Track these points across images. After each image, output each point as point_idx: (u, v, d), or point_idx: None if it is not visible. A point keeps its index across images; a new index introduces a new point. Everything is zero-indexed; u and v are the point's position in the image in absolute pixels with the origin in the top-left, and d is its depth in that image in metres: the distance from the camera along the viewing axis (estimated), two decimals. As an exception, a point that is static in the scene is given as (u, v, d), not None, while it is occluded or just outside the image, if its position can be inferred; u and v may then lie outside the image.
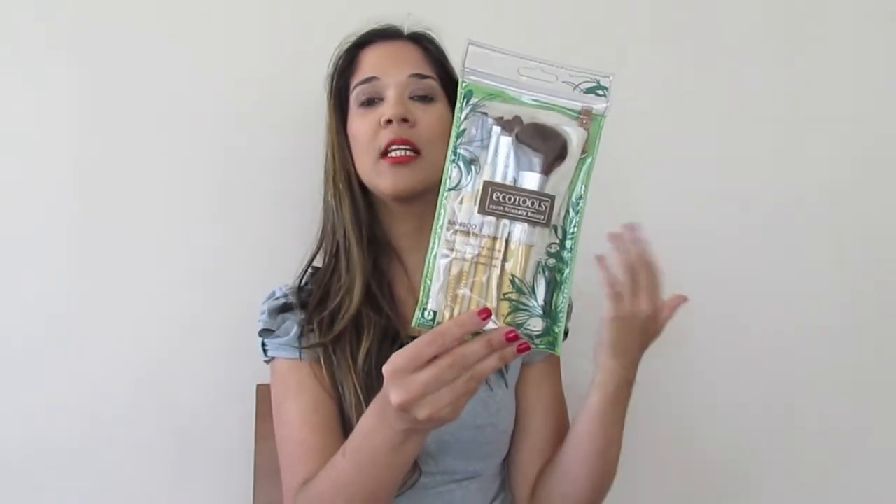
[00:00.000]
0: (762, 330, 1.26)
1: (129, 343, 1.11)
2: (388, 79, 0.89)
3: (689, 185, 1.25)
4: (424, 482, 0.87)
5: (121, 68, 1.11)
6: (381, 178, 0.88)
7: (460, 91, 0.62)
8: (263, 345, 0.92)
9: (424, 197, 0.89)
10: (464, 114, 0.61)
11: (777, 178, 1.27)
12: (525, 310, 0.60)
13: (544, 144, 0.61)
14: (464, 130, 0.61)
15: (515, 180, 0.61)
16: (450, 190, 0.61)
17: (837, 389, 1.27)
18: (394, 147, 0.86)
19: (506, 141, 0.61)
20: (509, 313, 0.60)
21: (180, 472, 1.12)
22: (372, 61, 0.92)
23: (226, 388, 1.11)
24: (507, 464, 0.98)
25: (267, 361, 0.93)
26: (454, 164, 0.61)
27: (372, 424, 0.70)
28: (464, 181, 0.61)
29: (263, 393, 1.05)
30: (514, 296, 0.60)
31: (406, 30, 0.96)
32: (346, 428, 0.86)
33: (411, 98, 0.89)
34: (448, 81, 0.92)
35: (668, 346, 1.20)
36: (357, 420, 0.82)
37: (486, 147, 0.61)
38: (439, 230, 0.61)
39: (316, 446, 0.84)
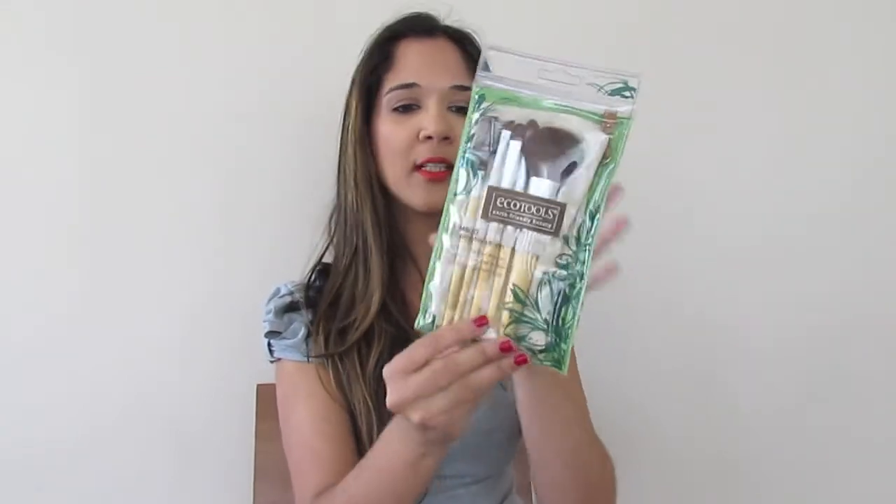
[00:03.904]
0: (773, 332, 1.25)
1: (130, 343, 1.10)
2: (430, 86, 0.85)
3: (693, 189, 1.24)
4: (430, 485, 0.85)
5: (122, 67, 1.11)
6: (413, 191, 0.86)
7: (473, 95, 0.60)
8: (269, 345, 0.89)
9: None
10: (474, 118, 0.59)
11: (783, 179, 1.25)
12: (527, 322, 0.58)
13: (556, 150, 0.58)
14: (473, 135, 0.59)
15: (525, 187, 0.58)
16: (456, 195, 0.59)
17: (847, 392, 1.27)
18: (430, 163, 0.84)
19: (515, 146, 0.58)
20: (509, 324, 0.58)
21: (180, 472, 1.11)
22: (412, 64, 0.86)
23: (226, 388, 1.11)
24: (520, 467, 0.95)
25: (272, 361, 0.90)
26: (462, 169, 0.59)
27: (388, 440, 0.69)
28: (470, 186, 0.59)
29: (263, 393, 1.04)
30: (515, 307, 0.58)
31: (444, 22, 0.91)
32: (356, 434, 0.84)
33: (449, 108, 0.85)
34: None
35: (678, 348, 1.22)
36: (367, 427, 0.82)
37: (495, 152, 0.59)
38: (443, 234, 0.59)
39: (328, 456, 0.82)
